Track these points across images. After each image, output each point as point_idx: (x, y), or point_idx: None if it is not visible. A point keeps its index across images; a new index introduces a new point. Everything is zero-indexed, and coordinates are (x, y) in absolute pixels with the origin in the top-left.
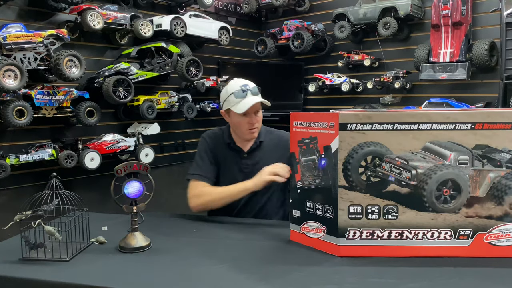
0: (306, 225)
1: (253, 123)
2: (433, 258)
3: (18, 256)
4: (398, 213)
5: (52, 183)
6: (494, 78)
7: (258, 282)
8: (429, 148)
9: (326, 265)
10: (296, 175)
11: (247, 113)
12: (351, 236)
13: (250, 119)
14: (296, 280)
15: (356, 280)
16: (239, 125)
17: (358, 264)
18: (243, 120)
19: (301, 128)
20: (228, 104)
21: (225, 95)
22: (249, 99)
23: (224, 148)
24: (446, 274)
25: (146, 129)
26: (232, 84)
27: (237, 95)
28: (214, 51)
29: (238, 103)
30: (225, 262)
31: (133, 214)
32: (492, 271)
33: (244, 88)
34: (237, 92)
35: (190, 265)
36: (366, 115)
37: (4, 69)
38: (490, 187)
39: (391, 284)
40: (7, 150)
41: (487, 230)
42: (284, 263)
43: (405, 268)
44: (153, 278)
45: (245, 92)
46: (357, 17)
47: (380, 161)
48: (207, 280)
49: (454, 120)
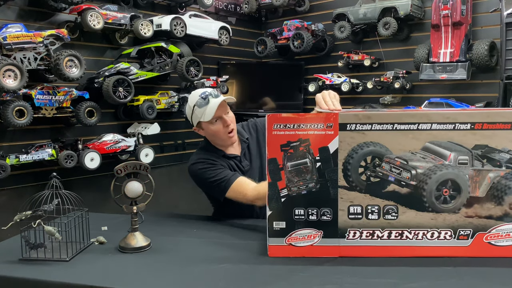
0: (294, 235)
1: (229, 125)
2: (433, 258)
3: (18, 256)
4: (398, 213)
5: (52, 183)
6: (494, 78)
7: (258, 282)
8: (428, 148)
9: (326, 265)
10: (279, 183)
11: (218, 118)
12: (351, 237)
13: (225, 121)
14: (297, 280)
15: (356, 280)
16: (216, 133)
17: (358, 264)
18: (217, 127)
19: (286, 131)
20: (195, 118)
21: (190, 110)
22: (212, 102)
23: (223, 160)
24: (446, 274)
25: (146, 129)
26: (191, 97)
27: (200, 105)
28: (214, 51)
29: (203, 112)
30: (225, 262)
31: (133, 214)
32: (492, 271)
33: (203, 95)
34: (199, 102)
35: (190, 265)
36: (365, 115)
37: (4, 69)
38: (489, 187)
39: (391, 284)
40: (7, 150)
41: (487, 230)
42: (284, 263)
43: (405, 268)
44: (153, 278)
45: (206, 98)
46: (357, 17)
47: (380, 161)
48: (207, 280)
49: (453, 120)
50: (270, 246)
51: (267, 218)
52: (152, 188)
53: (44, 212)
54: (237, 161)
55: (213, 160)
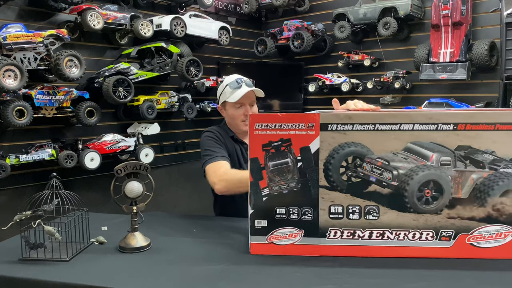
0: (275, 234)
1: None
2: (433, 259)
3: (18, 256)
4: (379, 214)
5: (52, 183)
6: (494, 78)
7: (259, 282)
8: (410, 149)
9: (326, 265)
10: (261, 182)
11: (242, 104)
12: (332, 236)
13: (245, 110)
14: (296, 280)
15: (356, 280)
16: (234, 117)
17: (358, 265)
18: (237, 112)
19: (268, 130)
20: (224, 96)
21: (221, 88)
22: (243, 88)
23: (230, 140)
24: (445, 275)
25: (146, 129)
26: (228, 77)
27: (232, 86)
28: (214, 51)
29: (232, 93)
30: (225, 262)
31: (133, 214)
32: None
33: (239, 80)
34: (232, 83)
35: (190, 265)
36: (346, 115)
37: (4, 69)
38: (472, 189)
39: (391, 284)
40: (7, 150)
41: (469, 232)
42: (284, 264)
43: (404, 269)
44: (153, 278)
45: (240, 84)
46: (357, 17)
47: (361, 161)
48: (207, 280)
49: (436, 120)
50: (252, 244)
51: (249, 216)
52: (152, 188)
53: (44, 212)
54: (244, 148)
55: (220, 136)
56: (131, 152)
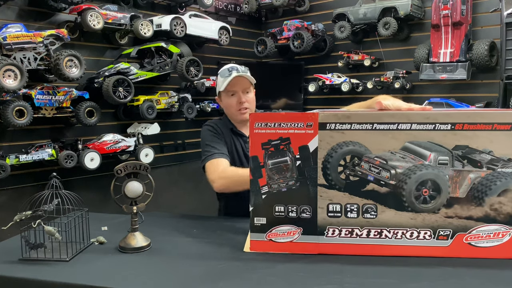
0: (274, 231)
1: (242, 102)
2: (433, 258)
3: (18, 256)
4: (377, 212)
5: (52, 183)
6: (494, 78)
7: (259, 282)
8: (408, 148)
9: (326, 265)
10: (260, 180)
11: (234, 92)
12: (330, 234)
13: (239, 98)
14: (296, 280)
15: (356, 280)
16: (229, 106)
17: (358, 264)
18: (231, 100)
19: (267, 129)
20: (218, 86)
21: (217, 79)
22: (233, 75)
23: (229, 133)
24: (446, 275)
25: (146, 129)
26: (222, 68)
27: (223, 75)
28: (214, 51)
29: (223, 82)
30: (225, 262)
31: (133, 214)
32: (493, 272)
33: (230, 68)
34: (223, 72)
35: (190, 265)
36: (344, 115)
37: (4, 69)
38: (470, 188)
39: (391, 284)
40: (7, 150)
41: (467, 231)
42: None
43: (405, 268)
44: (153, 278)
45: (231, 71)
46: (357, 17)
47: (359, 160)
48: (207, 280)
49: (434, 120)
50: (251, 241)
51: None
52: (152, 188)
53: (44, 212)
54: (243, 141)
55: (220, 130)
56: (131, 152)
